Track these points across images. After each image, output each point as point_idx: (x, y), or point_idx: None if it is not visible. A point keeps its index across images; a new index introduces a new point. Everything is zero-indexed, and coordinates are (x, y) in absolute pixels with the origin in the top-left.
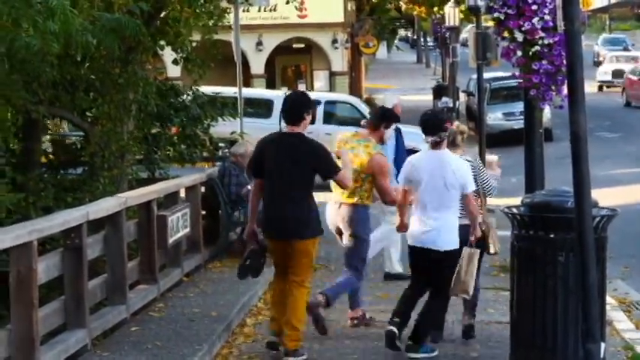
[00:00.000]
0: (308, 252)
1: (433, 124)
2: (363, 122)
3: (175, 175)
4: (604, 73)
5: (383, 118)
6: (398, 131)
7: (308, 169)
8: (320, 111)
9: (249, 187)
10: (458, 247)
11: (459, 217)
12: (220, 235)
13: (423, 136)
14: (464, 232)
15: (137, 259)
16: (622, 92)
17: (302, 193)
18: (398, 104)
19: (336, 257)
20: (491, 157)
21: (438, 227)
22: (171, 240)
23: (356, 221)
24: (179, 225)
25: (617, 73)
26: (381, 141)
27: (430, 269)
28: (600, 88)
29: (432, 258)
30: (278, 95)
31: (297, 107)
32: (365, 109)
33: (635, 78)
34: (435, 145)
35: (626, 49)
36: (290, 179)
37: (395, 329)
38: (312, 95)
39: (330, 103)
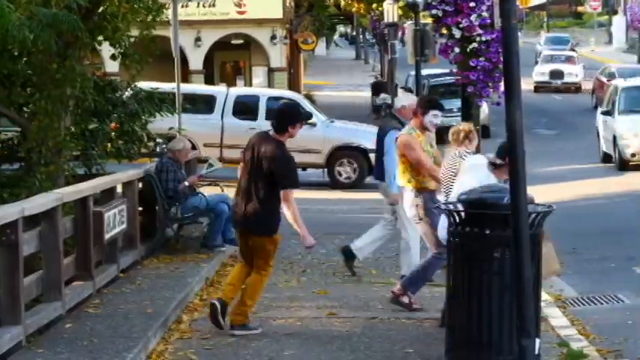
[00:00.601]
0: (264, 248)
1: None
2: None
3: (112, 171)
4: (541, 73)
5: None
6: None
7: (269, 175)
8: (262, 107)
9: (186, 183)
10: None
11: None
12: (157, 231)
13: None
14: None
15: (73, 255)
16: (592, 93)
17: (264, 194)
18: (408, 106)
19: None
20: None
21: None
22: (107, 236)
23: (406, 205)
24: (115, 221)
25: (556, 74)
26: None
27: None
28: (537, 89)
29: None
30: (220, 91)
31: (282, 119)
32: (308, 105)
33: (604, 79)
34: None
35: (572, 49)
36: (255, 178)
37: None
38: (254, 91)
39: (273, 99)
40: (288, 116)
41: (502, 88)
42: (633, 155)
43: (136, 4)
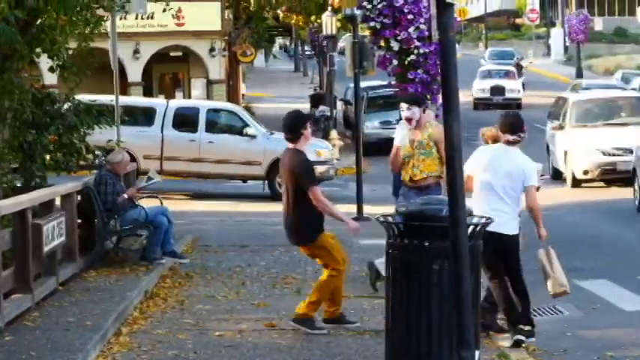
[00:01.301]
0: (315, 253)
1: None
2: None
3: (51, 183)
4: (480, 89)
5: None
6: None
7: (295, 185)
8: (202, 119)
9: (125, 195)
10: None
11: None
12: (96, 244)
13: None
14: None
15: (11, 268)
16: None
17: (294, 204)
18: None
19: (213, 265)
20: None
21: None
22: (46, 249)
23: None
24: (54, 233)
25: (496, 90)
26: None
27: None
28: (476, 105)
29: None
30: (160, 103)
31: (292, 127)
32: (248, 118)
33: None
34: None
35: (519, 64)
36: (286, 192)
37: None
38: (194, 103)
39: (214, 111)
40: (296, 122)
41: (440, 100)
42: (586, 173)
43: (74, 17)
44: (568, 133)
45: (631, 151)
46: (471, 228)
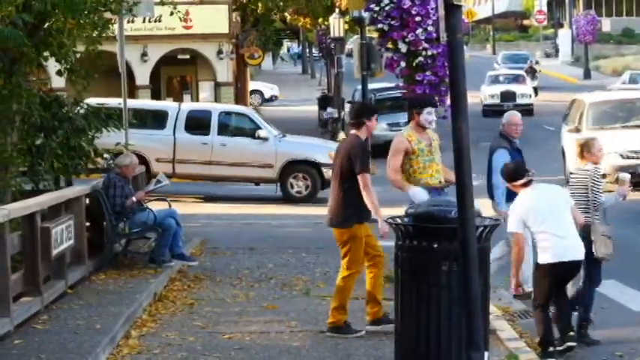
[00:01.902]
0: (340, 239)
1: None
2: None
3: (60, 186)
4: (490, 95)
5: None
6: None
7: (345, 168)
8: (215, 122)
9: (133, 198)
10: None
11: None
12: (105, 247)
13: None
14: None
15: (21, 271)
16: None
17: (339, 187)
18: (506, 123)
19: (222, 267)
20: (624, 175)
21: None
22: (55, 252)
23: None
24: (63, 237)
25: (507, 95)
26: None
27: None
28: (486, 112)
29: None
30: (172, 106)
31: (357, 115)
32: (260, 120)
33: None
34: (530, 183)
35: (532, 68)
36: (335, 175)
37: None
38: (207, 106)
39: (226, 113)
40: (361, 111)
41: (448, 101)
42: (604, 176)
43: (82, 20)
44: (584, 135)
45: None
46: (479, 229)
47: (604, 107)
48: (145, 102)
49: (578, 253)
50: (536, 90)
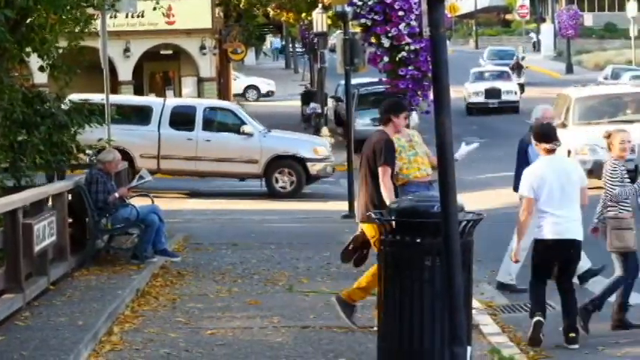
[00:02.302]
0: (370, 235)
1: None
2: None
3: (42, 182)
4: (474, 93)
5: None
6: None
7: (370, 162)
8: (199, 117)
9: (116, 194)
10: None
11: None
12: (87, 243)
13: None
14: None
15: (2, 267)
16: None
17: (365, 182)
18: (540, 118)
19: (205, 263)
20: None
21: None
22: (37, 248)
23: None
24: (45, 233)
25: (492, 92)
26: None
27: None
28: (470, 110)
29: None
30: (157, 102)
31: (385, 111)
32: (245, 116)
33: None
34: (553, 151)
35: (518, 63)
36: (361, 170)
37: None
38: (191, 102)
39: (211, 109)
40: (389, 108)
41: (431, 96)
42: (590, 172)
43: (64, 15)
44: (571, 131)
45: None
46: (462, 224)
47: (591, 102)
48: (129, 97)
49: (572, 233)
50: (522, 86)
